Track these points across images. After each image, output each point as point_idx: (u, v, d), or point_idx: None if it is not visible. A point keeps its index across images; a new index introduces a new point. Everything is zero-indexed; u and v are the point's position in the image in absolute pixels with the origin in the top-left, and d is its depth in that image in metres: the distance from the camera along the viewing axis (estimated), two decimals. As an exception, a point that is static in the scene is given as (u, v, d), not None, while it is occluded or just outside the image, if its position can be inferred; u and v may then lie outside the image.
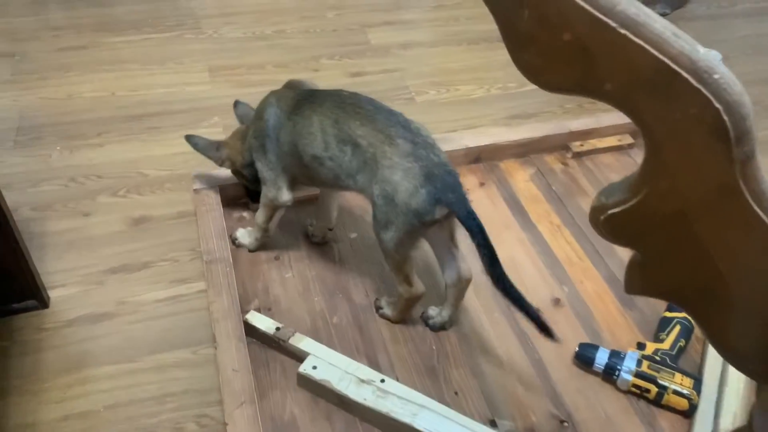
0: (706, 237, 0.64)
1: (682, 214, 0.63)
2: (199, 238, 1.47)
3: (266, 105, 1.36)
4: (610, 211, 0.66)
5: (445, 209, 1.17)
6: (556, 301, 1.45)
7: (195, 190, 1.57)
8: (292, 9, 2.47)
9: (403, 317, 1.38)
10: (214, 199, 1.55)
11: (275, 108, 1.34)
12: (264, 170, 1.38)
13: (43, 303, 1.39)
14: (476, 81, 2.17)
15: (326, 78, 2.12)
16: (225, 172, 1.56)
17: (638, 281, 0.73)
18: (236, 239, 1.51)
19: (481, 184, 1.73)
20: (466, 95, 2.11)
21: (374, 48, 2.30)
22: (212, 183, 1.58)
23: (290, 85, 1.42)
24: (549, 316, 1.40)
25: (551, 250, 1.56)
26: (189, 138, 1.49)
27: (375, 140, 1.19)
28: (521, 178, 1.76)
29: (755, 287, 0.66)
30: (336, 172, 1.26)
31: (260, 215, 1.45)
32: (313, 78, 2.12)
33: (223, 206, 1.55)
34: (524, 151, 1.81)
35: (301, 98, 1.33)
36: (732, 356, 0.76)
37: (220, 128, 1.88)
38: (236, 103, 1.57)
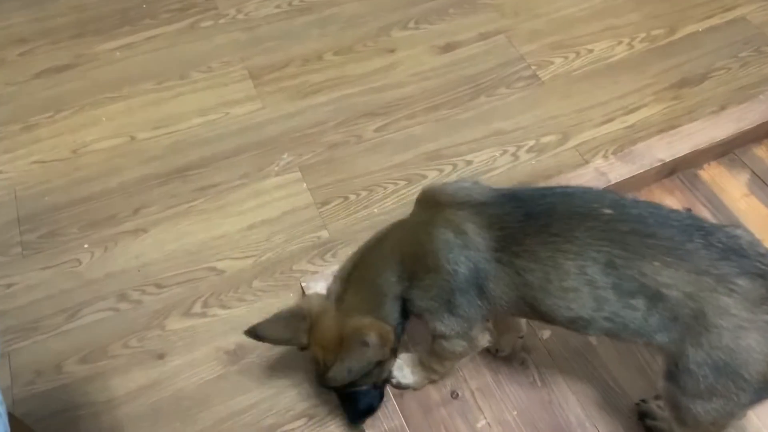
0: None
1: None
2: (347, 394, 1.01)
3: (442, 245, 0.85)
4: None
5: None
6: None
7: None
8: (329, -45, 1.82)
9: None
10: (346, 320, 1.08)
11: (463, 250, 0.84)
12: (447, 329, 0.90)
13: None
14: (610, 33, 1.60)
15: (409, 63, 1.55)
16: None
17: None
18: (394, 378, 1.05)
19: (687, 211, 1.25)
20: (604, 58, 1.55)
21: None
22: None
23: (434, 197, 0.89)
24: None
25: (822, 310, 1.12)
26: (252, 334, 0.95)
27: (696, 288, 0.75)
28: (736, 191, 1.27)
29: None
30: (615, 331, 0.82)
31: (441, 367, 1.01)
32: (393, 64, 1.55)
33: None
34: (726, 148, 1.31)
35: (506, 222, 0.83)
36: None
37: (297, 171, 1.36)
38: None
